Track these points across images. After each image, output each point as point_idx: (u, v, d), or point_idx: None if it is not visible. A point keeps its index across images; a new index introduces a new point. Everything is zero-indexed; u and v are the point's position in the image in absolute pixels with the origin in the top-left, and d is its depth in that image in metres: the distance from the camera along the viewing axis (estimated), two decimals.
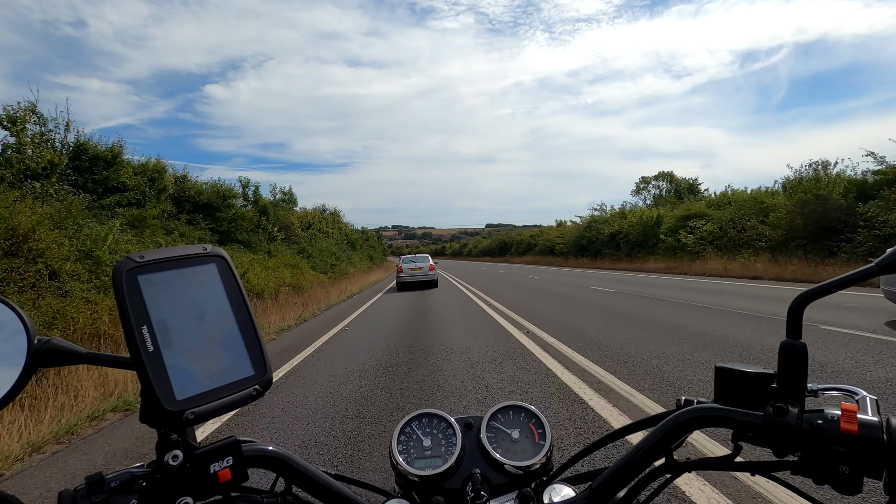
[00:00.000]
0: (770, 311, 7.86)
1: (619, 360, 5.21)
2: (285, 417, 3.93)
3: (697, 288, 13.05)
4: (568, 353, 5.72)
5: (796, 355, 0.46)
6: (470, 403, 4.02)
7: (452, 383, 4.65)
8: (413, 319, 9.56)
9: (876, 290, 7.28)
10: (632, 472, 0.53)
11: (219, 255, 0.52)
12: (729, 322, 7.14)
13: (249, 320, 0.51)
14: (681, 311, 8.62)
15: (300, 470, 0.56)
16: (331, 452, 3.15)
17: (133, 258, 0.47)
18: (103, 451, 3.50)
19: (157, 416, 0.45)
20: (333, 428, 3.60)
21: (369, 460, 3.00)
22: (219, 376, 0.48)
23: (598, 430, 3.26)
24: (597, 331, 7.08)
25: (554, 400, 3.98)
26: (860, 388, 0.48)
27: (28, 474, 3.16)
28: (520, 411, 0.69)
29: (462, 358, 5.70)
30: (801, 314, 0.46)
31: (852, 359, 4.66)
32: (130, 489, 0.46)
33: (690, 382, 4.27)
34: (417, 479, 0.62)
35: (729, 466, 0.51)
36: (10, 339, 0.49)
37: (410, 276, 17.76)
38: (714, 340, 5.90)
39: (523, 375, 4.79)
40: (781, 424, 0.45)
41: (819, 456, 0.43)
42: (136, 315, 0.45)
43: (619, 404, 3.79)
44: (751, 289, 12.15)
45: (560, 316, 9.02)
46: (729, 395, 0.50)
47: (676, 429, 0.51)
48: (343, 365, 5.72)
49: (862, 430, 0.42)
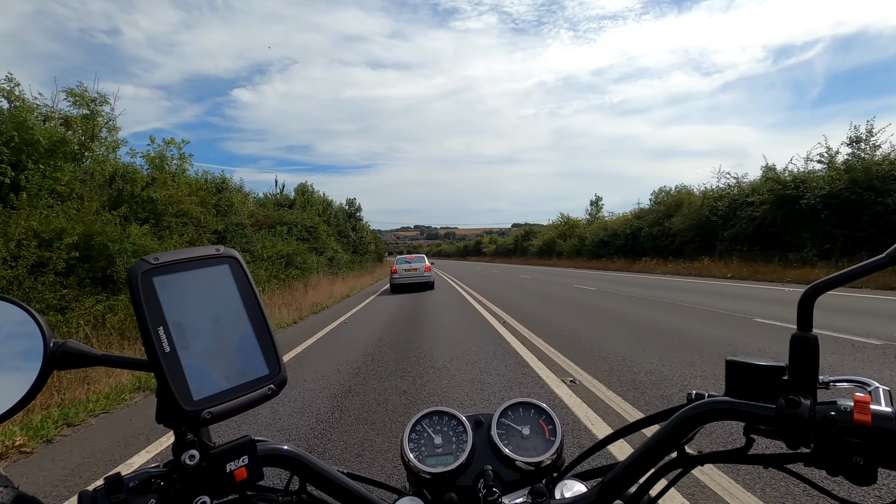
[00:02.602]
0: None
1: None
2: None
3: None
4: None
5: (808, 347, 0.46)
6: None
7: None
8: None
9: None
10: (643, 467, 0.53)
11: (231, 256, 0.53)
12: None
13: (263, 320, 0.52)
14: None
15: (314, 469, 0.57)
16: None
17: (148, 260, 0.47)
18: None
19: (174, 416, 0.45)
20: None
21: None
22: (234, 376, 0.48)
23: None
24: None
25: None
26: (872, 380, 0.48)
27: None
28: (530, 408, 0.70)
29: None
30: (811, 306, 0.46)
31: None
32: (149, 489, 0.47)
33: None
34: (429, 476, 0.63)
35: (741, 459, 0.51)
36: (27, 343, 0.50)
37: (405, 278, 16.72)
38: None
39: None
40: (794, 416, 0.45)
41: (832, 447, 0.43)
42: (152, 316, 0.45)
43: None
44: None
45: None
46: (740, 389, 0.50)
47: (688, 422, 0.51)
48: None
49: (875, 420, 0.42)
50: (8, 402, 0.47)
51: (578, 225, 42.65)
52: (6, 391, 0.47)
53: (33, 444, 3.63)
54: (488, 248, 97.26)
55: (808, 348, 0.46)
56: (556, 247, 42.81)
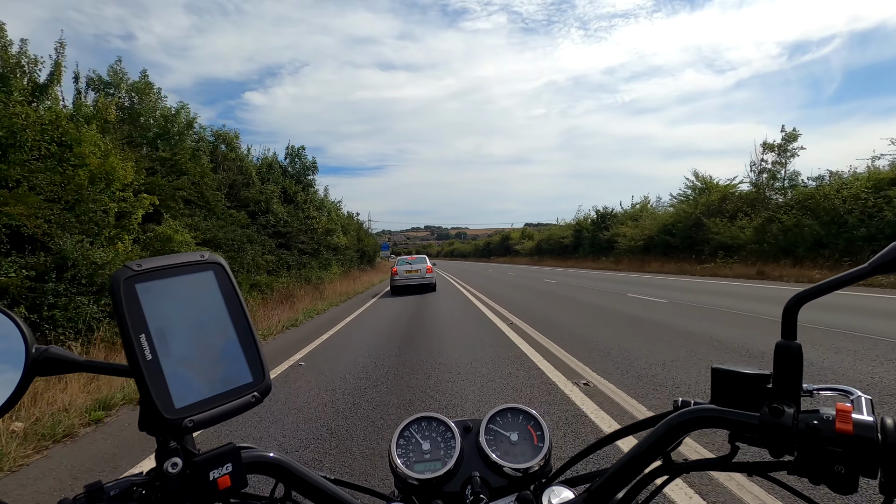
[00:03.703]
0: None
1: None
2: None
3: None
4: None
5: (791, 356, 0.47)
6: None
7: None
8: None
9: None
10: (630, 474, 0.53)
11: (216, 262, 0.52)
12: None
13: (247, 327, 0.51)
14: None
15: (300, 476, 0.56)
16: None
17: (130, 266, 0.47)
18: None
19: (155, 424, 0.45)
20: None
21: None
22: (217, 384, 0.48)
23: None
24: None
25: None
26: (855, 388, 0.48)
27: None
28: (518, 414, 0.70)
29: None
30: (795, 315, 0.47)
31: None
32: (130, 497, 0.46)
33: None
34: (417, 482, 0.62)
35: (726, 467, 0.51)
36: (8, 349, 0.49)
37: (406, 280, 16.02)
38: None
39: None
40: (777, 425, 0.45)
41: (815, 456, 0.44)
42: (133, 323, 0.45)
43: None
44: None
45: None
46: (725, 396, 0.50)
47: (674, 430, 0.51)
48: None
49: (857, 429, 0.42)
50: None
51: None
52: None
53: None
54: (523, 244, 62.61)
55: (792, 357, 0.47)
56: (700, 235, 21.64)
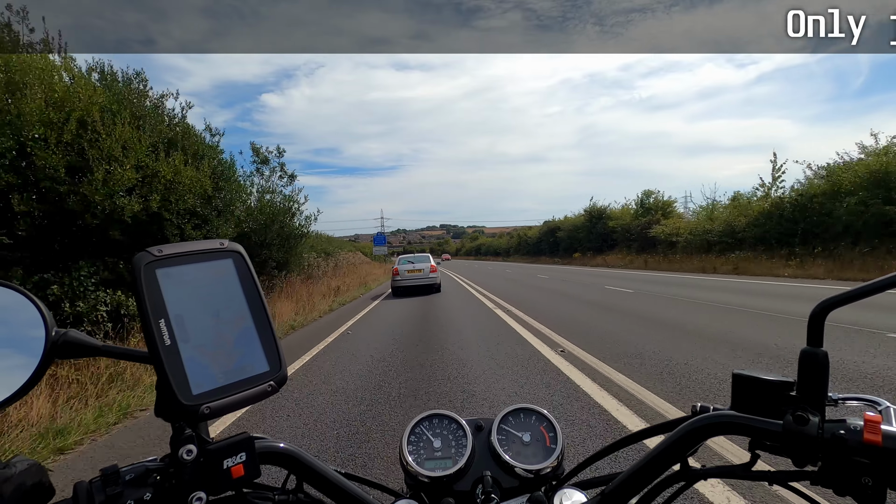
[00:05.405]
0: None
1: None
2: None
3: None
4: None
5: (817, 363, 0.45)
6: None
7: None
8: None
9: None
10: (645, 479, 0.52)
11: (236, 250, 0.53)
12: None
13: (265, 316, 0.51)
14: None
15: (312, 468, 0.56)
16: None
17: (151, 252, 0.47)
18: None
19: (172, 410, 0.45)
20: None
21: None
22: (234, 372, 0.48)
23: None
24: None
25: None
26: (884, 399, 0.47)
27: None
28: (531, 414, 0.69)
29: None
30: (822, 322, 0.46)
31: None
32: (145, 483, 0.46)
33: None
34: (427, 479, 0.62)
35: (746, 475, 0.50)
36: (28, 331, 0.50)
37: (407, 280, 14.98)
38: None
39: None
40: (802, 433, 0.44)
41: (840, 467, 0.42)
42: (153, 308, 0.45)
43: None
44: None
45: None
46: (746, 403, 0.49)
47: (692, 435, 0.50)
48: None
49: (886, 441, 0.41)
50: (8, 390, 0.47)
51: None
52: (7, 379, 0.47)
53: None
54: (617, 221, 31.58)
55: (818, 364, 0.45)
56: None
